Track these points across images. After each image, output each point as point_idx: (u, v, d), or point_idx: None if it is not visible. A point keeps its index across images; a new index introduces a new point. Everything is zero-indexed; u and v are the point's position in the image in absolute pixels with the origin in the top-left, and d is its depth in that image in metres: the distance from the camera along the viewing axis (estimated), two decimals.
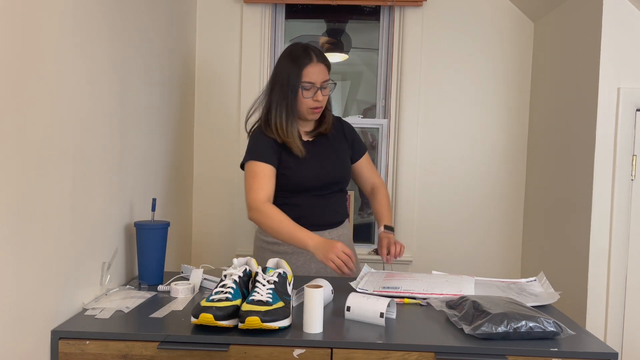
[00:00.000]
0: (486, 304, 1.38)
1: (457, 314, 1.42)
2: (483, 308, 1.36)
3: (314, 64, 1.86)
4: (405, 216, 2.83)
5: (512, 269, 2.86)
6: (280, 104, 1.88)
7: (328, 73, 1.91)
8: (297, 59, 1.86)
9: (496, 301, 1.41)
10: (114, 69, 1.68)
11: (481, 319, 1.32)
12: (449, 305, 1.49)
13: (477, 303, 1.39)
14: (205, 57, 2.82)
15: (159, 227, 1.75)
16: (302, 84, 1.85)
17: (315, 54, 1.88)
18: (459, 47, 2.80)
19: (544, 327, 1.31)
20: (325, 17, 3.01)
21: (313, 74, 1.85)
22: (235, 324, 1.32)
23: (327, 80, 1.90)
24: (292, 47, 1.93)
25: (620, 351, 2.19)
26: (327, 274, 1.95)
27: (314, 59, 1.86)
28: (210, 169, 2.85)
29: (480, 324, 1.31)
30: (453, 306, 1.47)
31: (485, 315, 1.33)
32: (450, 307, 1.48)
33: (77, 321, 1.38)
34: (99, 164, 1.59)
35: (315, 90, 1.86)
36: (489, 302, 1.40)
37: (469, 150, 2.82)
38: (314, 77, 1.85)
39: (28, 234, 1.23)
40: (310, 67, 1.85)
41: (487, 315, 1.32)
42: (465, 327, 1.33)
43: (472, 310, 1.38)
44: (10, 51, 1.14)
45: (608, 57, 2.13)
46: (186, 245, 2.75)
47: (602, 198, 2.15)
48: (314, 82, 1.85)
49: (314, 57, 1.87)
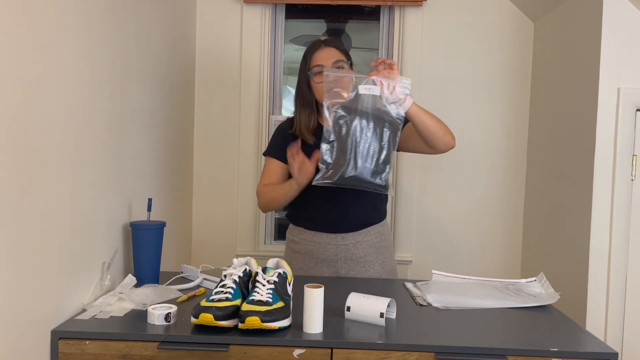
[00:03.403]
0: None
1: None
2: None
3: (321, 49, 1.84)
4: (406, 216, 2.83)
5: (512, 269, 2.86)
6: (298, 99, 1.88)
7: (343, 56, 1.85)
8: (307, 51, 1.87)
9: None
10: (113, 69, 1.68)
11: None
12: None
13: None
14: (205, 57, 2.82)
15: (154, 227, 1.75)
16: (312, 69, 1.83)
17: (324, 41, 1.87)
18: (459, 47, 2.80)
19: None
20: (325, 17, 3.01)
21: (321, 57, 1.83)
22: (235, 324, 1.32)
23: (339, 60, 1.83)
24: None
25: (620, 351, 2.19)
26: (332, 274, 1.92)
27: (321, 45, 1.85)
28: (210, 169, 2.85)
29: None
30: None
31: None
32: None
33: (77, 321, 1.38)
34: (99, 164, 1.59)
35: None
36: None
37: (469, 149, 2.82)
38: (321, 59, 1.82)
39: (28, 234, 1.23)
40: (318, 52, 1.84)
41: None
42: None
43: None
44: (10, 51, 1.14)
45: (608, 57, 2.13)
46: (186, 245, 2.75)
47: (602, 198, 2.15)
48: (322, 64, 1.81)
49: (322, 43, 1.86)
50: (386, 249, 1.93)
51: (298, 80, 1.89)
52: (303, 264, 1.89)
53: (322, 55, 1.83)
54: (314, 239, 1.87)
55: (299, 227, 1.91)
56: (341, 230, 1.86)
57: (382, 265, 1.90)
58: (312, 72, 1.83)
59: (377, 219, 1.91)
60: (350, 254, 1.86)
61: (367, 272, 1.87)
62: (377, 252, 1.89)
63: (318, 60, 1.83)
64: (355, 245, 1.86)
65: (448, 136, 1.75)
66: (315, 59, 1.83)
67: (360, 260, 1.87)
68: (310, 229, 1.88)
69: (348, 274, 1.87)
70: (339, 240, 1.86)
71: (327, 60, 1.81)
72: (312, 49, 1.86)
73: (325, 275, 1.87)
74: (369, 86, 1.63)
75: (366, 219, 1.88)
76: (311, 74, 1.83)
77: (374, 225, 1.90)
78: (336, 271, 1.87)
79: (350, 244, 1.86)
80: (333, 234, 1.86)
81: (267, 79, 2.82)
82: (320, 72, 1.78)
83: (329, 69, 1.75)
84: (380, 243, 1.90)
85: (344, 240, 1.86)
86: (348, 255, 1.86)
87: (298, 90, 1.89)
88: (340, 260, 1.87)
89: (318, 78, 1.81)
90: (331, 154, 1.63)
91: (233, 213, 2.86)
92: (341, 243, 1.86)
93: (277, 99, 2.90)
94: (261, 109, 2.83)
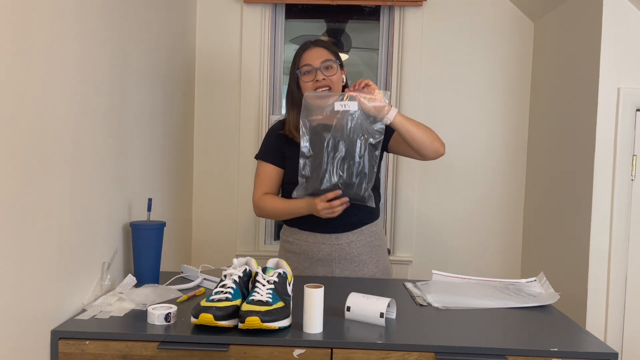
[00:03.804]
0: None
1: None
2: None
3: (310, 49, 1.86)
4: (405, 216, 2.83)
5: (512, 269, 2.86)
6: (288, 99, 1.91)
7: (331, 55, 1.86)
8: (297, 51, 1.89)
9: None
10: (113, 69, 1.68)
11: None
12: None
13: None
14: (206, 57, 2.82)
15: (154, 227, 1.75)
16: (300, 68, 1.84)
17: (313, 41, 1.89)
18: (459, 47, 2.80)
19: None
20: (325, 17, 3.01)
21: (309, 57, 1.84)
22: (235, 324, 1.32)
23: (327, 59, 1.83)
24: None
25: (620, 351, 2.19)
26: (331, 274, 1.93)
27: (310, 45, 1.87)
28: (210, 169, 2.85)
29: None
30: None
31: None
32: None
33: (77, 321, 1.38)
34: (99, 164, 1.59)
35: (314, 71, 1.83)
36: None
37: (469, 150, 2.82)
38: (310, 59, 1.83)
39: (28, 234, 1.23)
40: (307, 52, 1.85)
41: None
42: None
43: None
44: (10, 50, 1.14)
45: (608, 57, 2.13)
46: (186, 245, 2.75)
47: (602, 198, 2.15)
48: (310, 63, 1.83)
49: (311, 44, 1.87)
50: (380, 248, 1.94)
51: (289, 80, 1.92)
52: (298, 264, 1.90)
53: (311, 55, 1.84)
54: (308, 239, 1.88)
55: (292, 228, 1.92)
56: (335, 230, 1.86)
57: (376, 265, 1.91)
58: (300, 71, 1.84)
59: (370, 218, 1.92)
60: (345, 253, 1.87)
61: (361, 271, 1.88)
62: (371, 252, 1.91)
63: (307, 59, 1.84)
64: (349, 244, 1.87)
65: (436, 144, 1.77)
66: (304, 59, 1.85)
67: (354, 260, 1.88)
68: (304, 229, 1.89)
69: (342, 273, 1.87)
70: (333, 240, 1.87)
71: (315, 60, 1.83)
72: (301, 49, 1.88)
73: (320, 275, 1.88)
74: (344, 102, 1.69)
75: (360, 219, 1.88)
76: (300, 73, 1.85)
77: (367, 224, 1.91)
78: (331, 271, 1.88)
79: (344, 244, 1.87)
80: (327, 234, 1.87)
81: (267, 79, 2.82)
82: (309, 71, 1.83)
83: (310, 92, 1.77)
84: (374, 242, 1.92)
85: (338, 240, 1.87)
86: (342, 254, 1.87)
87: (288, 91, 1.92)
88: (335, 260, 1.87)
89: (306, 77, 1.84)
90: (309, 168, 1.72)
91: (233, 213, 2.86)
92: (335, 243, 1.87)
93: (277, 99, 2.90)
94: (261, 109, 2.83)
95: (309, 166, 1.72)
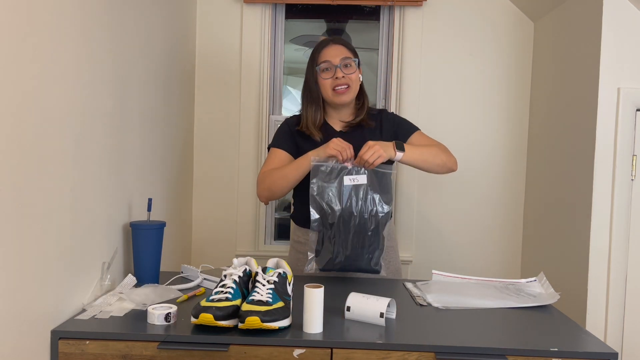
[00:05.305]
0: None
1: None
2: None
3: (329, 46, 1.86)
4: (405, 216, 2.83)
5: (512, 269, 2.86)
6: (305, 95, 1.90)
7: (350, 53, 1.87)
8: (315, 47, 1.89)
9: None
10: (113, 69, 1.68)
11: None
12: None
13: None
14: (206, 57, 2.82)
15: (154, 227, 1.75)
16: (319, 65, 1.85)
17: (332, 38, 1.89)
18: (459, 47, 2.80)
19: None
20: (325, 17, 3.01)
21: (329, 54, 1.85)
22: (235, 324, 1.32)
23: (347, 57, 1.84)
24: None
25: (620, 351, 2.19)
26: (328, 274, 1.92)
27: (329, 42, 1.88)
28: (210, 169, 2.85)
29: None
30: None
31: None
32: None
33: (77, 321, 1.38)
34: (99, 164, 1.59)
35: (333, 69, 1.83)
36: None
37: (469, 150, 2.82)
38: (329, 56, 1.84)
39: (28, 234, 1.23)
40: (325, 49, 1.86)
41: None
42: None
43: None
44: (11, 51, 1.14)
45: (608, 57, 2.13)
46: (186, 245, 2.75)
47: (602, 198, 2.15)
48: (330, 60, 1.83)
49: (330, 41, 1.88)
50: (392, 248, 1.93)
51: (305, 77, 1.91)
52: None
53: (330, 52, 1.85)
54: None
55: (304, 228, 1.90)
56: None
57: (388, 266, 1.89)
58: (319, 68, 1.85)
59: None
60: None
61: None
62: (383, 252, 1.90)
63: (326, 56, 1.85)
64: None
65: (449, 164, 1.85)
66: (323, 55, 1.85)
67: None
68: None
69: (354, 274, 1.86)
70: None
71: (335, 57, 1.84)
72: (321, 45, 1.88)
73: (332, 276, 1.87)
74: (353, 176, 1.72)
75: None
76: (319, 70, 1.85)
77: None
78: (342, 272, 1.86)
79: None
80: None
81: (267, 79, 2.82)
82: (328, 68, 1.84)
83: (317, 157, 1.74)
84: (386, 243, 1.89)
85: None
86: None
87: (305, 87, 1.91)
88: None
89: (325, 74, 1.84)
90: (320, 242, 1.74)
91: (233, 213, 2.86)
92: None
93: (277, 98, 2.90)
94: (261, 109, 2.83)
95: (321, 240, 1.73)
